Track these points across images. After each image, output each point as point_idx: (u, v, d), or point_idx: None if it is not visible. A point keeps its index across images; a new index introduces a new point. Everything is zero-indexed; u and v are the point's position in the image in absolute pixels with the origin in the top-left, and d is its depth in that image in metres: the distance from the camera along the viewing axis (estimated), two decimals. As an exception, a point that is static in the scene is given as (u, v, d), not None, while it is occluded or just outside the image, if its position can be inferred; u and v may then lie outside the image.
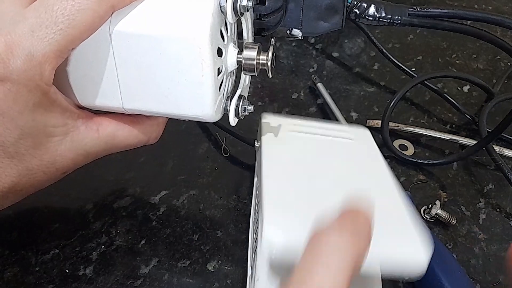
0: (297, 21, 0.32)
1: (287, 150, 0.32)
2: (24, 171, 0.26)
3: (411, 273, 0.24)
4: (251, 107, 0.30)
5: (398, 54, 0.50)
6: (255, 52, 0.28)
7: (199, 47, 0.24)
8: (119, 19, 0.25)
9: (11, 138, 0.24)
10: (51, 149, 0.26)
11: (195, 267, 0.33)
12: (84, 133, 0.27)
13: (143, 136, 0.30)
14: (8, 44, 0.23)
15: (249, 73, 0.28)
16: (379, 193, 0.29)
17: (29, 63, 0.23)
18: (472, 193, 0.40)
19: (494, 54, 0.54)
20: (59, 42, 0.23)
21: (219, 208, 0.37)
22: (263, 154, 0.31)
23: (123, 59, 0.26)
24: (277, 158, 0.31)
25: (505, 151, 0.41)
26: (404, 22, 0.33)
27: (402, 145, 0.43)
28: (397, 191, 0.29)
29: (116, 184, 0.38)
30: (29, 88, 0.23)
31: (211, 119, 0.28)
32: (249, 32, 0.30)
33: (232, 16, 0.25)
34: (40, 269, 0.32)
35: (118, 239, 0.34)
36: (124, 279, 0.32)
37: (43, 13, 0.23)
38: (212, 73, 0.25)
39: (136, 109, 0.28)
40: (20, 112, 0.24)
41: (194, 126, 0.43)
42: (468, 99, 0.48)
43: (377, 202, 0.26)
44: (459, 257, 0.35)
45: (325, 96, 0.45)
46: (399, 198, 0.28)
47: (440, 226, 0.37)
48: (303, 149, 0.33)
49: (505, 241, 0.36)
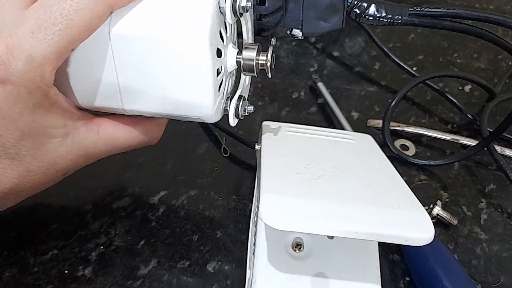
0: (297, 21, 0.32)
1: (287, 150, 0.32)
2: (25, 172, 0.26)
3: (416, 238, 0.24)
4: (251, 107, 0.30)
5: (399, 54, 0.50)
6: (255, 52, 0.28)
7: (198, 48, 0.24)
8: (118, 20, 0.25)
9: (12, 139, 0.24)
10: (51, 150, 0.26)
11: (195, 268, 0.33)
12: (84, 134, 0.27)
13: (143, 137, 0.30)
14: (8, 46, 0.23)
15: (248, 73, 0.28)
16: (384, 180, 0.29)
17: (29, 64, 0.23)
18: (474, 193, 0.39)
19: (495, 53, 0.53)
20: (59, 43, 0.23)
21: (218, 208, 0.37)
22: (263, 156, 0.31)
23: (122, 61, 0.26)
24: (277, 158, 0.30)
25: (507, 151, 0.41)
26: (404, 22, 0.33)
27: (403, 145, 0.43)
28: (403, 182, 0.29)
29: (115, 184, 0.38)
30: (29, 89, 0.23)
31: (211, 120, 0.28)
32: (248, 33, 0.30)
33: (231, 16, 0.25)
34: (39, 270, 0.32)
35: (117, 240, 0.34)
36: (123, 279, 0.32)
37: (42, 14, 0.23)
38: (211, 74, 0.25)
39: (136, 110, 0.28)
40: (21, 114, 0.24)
41: (194, 126, 0.43)
42: (469, 99, 0.48)
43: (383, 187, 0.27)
44: (461, 258, 0.35)
45: (326, 96, 0.45)
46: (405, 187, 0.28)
47: (442, 227, 0.37)
48: (304, 148, 0.32)
49: (506, 242, 0.36)
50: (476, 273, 0.34)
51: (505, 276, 0.34)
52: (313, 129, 0.36)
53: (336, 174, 0.28)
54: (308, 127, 0.36)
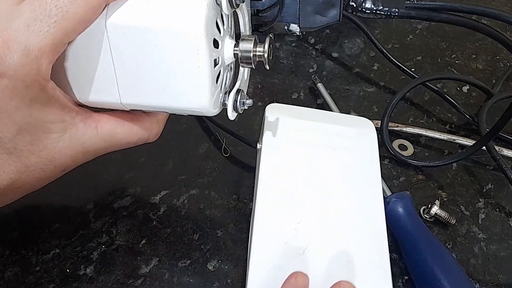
0: (294, 15, 0.32)
1: (285, 166, 0.33)
2: (23, 168, 0.26)
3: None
4: (250, 101, 0.29)
5: (398, 54, 0.50)
6: (252, 44, 0.27)
7: (194, 38, 0.24)
8: (115, 11, 0.25)
9: (9, 134, 0.24)
10: (49, 146, 0.26)
11: (196, 267, 0.33)
12: (82, 130, 0.27)
13: (143, 133, 0.30)
14: (4, 40, 0.23)
15: (246, 65, 0.28)
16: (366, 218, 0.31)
17: (25, 58, 0.23)
18: (472, 193, 0.40)
19: (493, 54, 0.54)
20: (54, 35, 0.23)
21: (219, 208, 0.37)
22: (261, 166, 0.32)
23: (119, 52, 0.26)
24: (274, 175, 0.32)
25: (504, 151, 0.41)
26: (401, 15, 0.33)
27: (401, 145, 0.43)
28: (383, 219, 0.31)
29: (117, 184, 0.38)
30: (26, 83, 0.23)
31: (208, 112, 0.27)
32: (246, 25, 0.30)
33: (228, 7, 0.25)
34: (41, 269, 0.32)
35: (119, 239, 0.34)
36: (125, 278, 0.32)
37: (37, 6, 0.23)
38: (208, 63, 0.25)
39: (134, 104, 0.28)
40: (17, 108, 0.24)
41: (194, 126, 0.43)
42: (467, 99, 0.48)
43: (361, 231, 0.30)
44: (459, 257, 0.35)
45: (325, 96, 0.45)
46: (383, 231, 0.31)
47: (440, 226, 0.37)
48: (301, 165, 0.33)
49: (504, 241, 0.36)
50: (474, 272, 0.34)
51: (503, 275, 0.34)
52: (315, 128, 0.36)
53: (327, 216, 0.31)
54: (311, 123, 0.36)
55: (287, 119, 0.35)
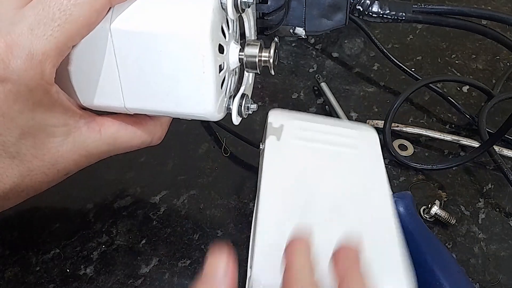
0: (300, 19, 0.32)
1: (288, 166, 0.32)
2: (26, 172, 0.26)
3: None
4: (254, 105, 0.29)
5: (398, 54, 0.50)
6: (257, 49, 0.27)
7: (199, 43, 0.24)
8: (119, 15, 0.25)
9: (12, 138, 0.24)
10: (52, 150, 0.26)
11: (196, 267, 0.33)
12: (86, 133, 0.27)
13: (146, 137, 0.30)
14: (8, 44, 0.22)
15: (251, 70, 0.28)
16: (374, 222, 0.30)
17: (29, 62, 0.23)
18: (472, 193, 0.40)
19: (493, 54, 0.54)
20: (58, 38, 0.23)
21: (219, 208, 0.37)
22: (264, 168, 0.32)
23: (124, 57, 0.25)
24: (277, 175, 0.32)
25: (504, 151, 0.41)
26: (408, 19, 0.33)
27: (401, 145, 0.43)
28: (393, 221, 0.30)
29: (117, 184, 0.38)
30: (30, 87, 0.23)
31: (213, 117, 0.27)
32: (251, 30, 0.30)
33: (233, 12, 0.25)
34: (41, 269, 0.32)
35: (119, 239, 0.34)
36: (125, 278, 0.32)
37: (41, 10, 0.23)
38: (213, 69, 0.25)
39: (138, 108, 0.28)
40: (20, 112, 0.24)
41: (194, 126, 0.43)
42: (467, 99, 0.48)
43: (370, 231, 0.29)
44: (459, 257, 0.35)
45: (329, 96, 0.45)
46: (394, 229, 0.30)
47: (440, 226, 0.37)
48: (305, 165, 0.33)
49: (504, 241, 0.36)
50: (474, 272, 0.34)
51: (503, 275, 0.34)
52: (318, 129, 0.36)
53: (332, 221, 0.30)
54: (313, 126, 0.36)
55: (289, 121, 0.35)
